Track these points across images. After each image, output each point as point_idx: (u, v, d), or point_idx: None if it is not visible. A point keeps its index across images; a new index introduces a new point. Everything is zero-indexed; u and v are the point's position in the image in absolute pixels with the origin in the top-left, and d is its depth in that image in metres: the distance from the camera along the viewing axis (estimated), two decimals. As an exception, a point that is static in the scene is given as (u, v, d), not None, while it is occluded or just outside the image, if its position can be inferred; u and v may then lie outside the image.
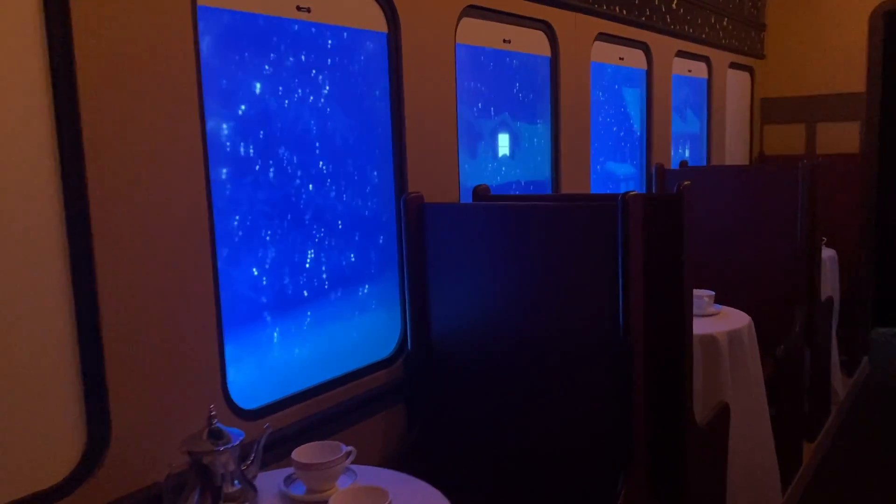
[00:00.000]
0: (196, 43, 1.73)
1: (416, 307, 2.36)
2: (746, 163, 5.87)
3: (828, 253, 4.63)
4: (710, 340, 2.91)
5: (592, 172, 3.63)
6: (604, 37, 3.61)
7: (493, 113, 3.10)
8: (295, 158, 2.16)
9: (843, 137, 5.75)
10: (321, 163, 2.24)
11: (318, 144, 2.23)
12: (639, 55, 4.06)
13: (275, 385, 2.10)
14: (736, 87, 5.56)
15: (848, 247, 5.22)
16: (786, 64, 5.97)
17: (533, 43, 3.12)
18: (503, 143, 3.17)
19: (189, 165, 1.73)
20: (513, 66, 3.14)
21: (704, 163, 5.12)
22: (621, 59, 3.89)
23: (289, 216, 2.17)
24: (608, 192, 3.89)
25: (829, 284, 4.59)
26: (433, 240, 2.34)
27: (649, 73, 4.15)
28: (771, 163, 5.86)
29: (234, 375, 1.92)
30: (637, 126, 4.26)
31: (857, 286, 5.38)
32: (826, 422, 4.50)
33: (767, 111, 6.07)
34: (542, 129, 3.28)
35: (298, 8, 2.05)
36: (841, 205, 5.19)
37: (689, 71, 4.73)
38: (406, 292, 2.37)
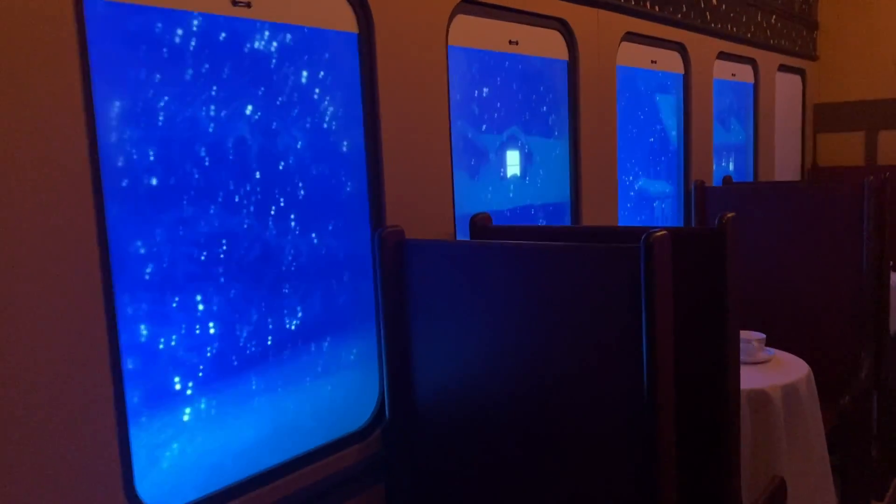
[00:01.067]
0: (82, 41, 1.37)
1: (394, 367, 1.95)
2: (798, 176, 5.49)
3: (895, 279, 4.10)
4: (760, 398, 2.44)
5: (622, 192, 3.17)
6: (632, 37, 3.16)
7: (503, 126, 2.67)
8: (230, 182, 1.75)
9: None
10: (264, 186, 1.83)
11: (258, 166, 1.81)
12: (674, 57, 3.60)
13: (209, 474, 1.68)
14: (786, 92, 5.14)
15: None
16: (841, 66, 5.54)
17: (546, 45, 2.68)
18: (513, 160, 2.73)
19: (70, 190, 1.37)
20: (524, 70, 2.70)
21: (751, 177, 4.68)
22: (653, 62, 3.42)
23: (229, 257, 1.76)
24: (641, 212, 3.46)
25: (899, 316, 4.07)
26: (416, 284, 1.94)
27: (687, 77, 3.69)
28: (826, 176, 5.35)
29: (147, 466, 1.52)
30: (673, 137, 3.79)
31: None
32: None
33: (821, 118, 5.63)
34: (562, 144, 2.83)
35: (234, 3, 1.64)
36: None
37: (733, 75, 4.26)
38: (383, 349, 1.95)
